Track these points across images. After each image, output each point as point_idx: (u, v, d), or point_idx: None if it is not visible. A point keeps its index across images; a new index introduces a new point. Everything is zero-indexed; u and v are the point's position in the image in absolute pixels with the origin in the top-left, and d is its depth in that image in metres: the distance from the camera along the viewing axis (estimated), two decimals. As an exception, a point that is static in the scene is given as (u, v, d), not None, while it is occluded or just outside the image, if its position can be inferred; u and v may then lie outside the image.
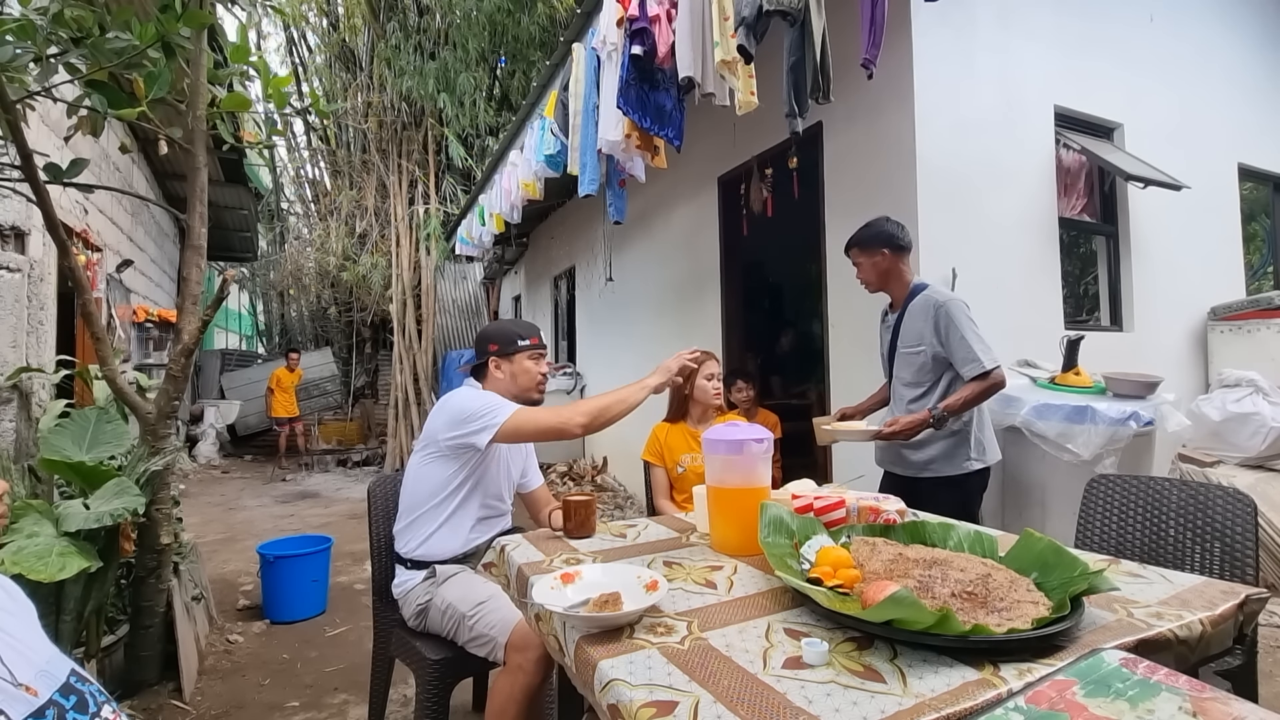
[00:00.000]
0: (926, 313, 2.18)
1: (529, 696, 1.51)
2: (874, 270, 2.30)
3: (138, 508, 2.15)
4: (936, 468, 2.18)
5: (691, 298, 4.86)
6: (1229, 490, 1.62)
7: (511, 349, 1.88)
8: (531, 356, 1.89)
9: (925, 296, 2.21)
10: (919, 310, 2.21)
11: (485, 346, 1.90)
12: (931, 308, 2.16)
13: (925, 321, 2.18)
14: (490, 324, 2.02)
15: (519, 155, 4.68)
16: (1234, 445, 3.24)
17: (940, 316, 2.13)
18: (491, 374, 1.90)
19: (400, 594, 1.84)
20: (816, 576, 1.06)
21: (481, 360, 1.91)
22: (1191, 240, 4.02)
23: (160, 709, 2.34)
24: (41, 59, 1.84)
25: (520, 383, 1.88)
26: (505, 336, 1.89)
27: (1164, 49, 3.98)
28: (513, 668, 1.53)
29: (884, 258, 2.27)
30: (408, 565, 1.84)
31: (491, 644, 1.60)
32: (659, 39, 2.57)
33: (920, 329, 2.20)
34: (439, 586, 1.76)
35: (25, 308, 2.77)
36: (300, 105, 9.39)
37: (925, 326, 2.18)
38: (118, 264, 4.89)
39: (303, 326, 12.39)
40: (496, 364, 1.89)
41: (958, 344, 2.09)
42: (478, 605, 1.65)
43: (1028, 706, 0.71)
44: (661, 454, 2.50)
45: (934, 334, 2.15)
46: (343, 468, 8.61)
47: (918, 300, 2.23)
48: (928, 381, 2.22)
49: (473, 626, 1.64)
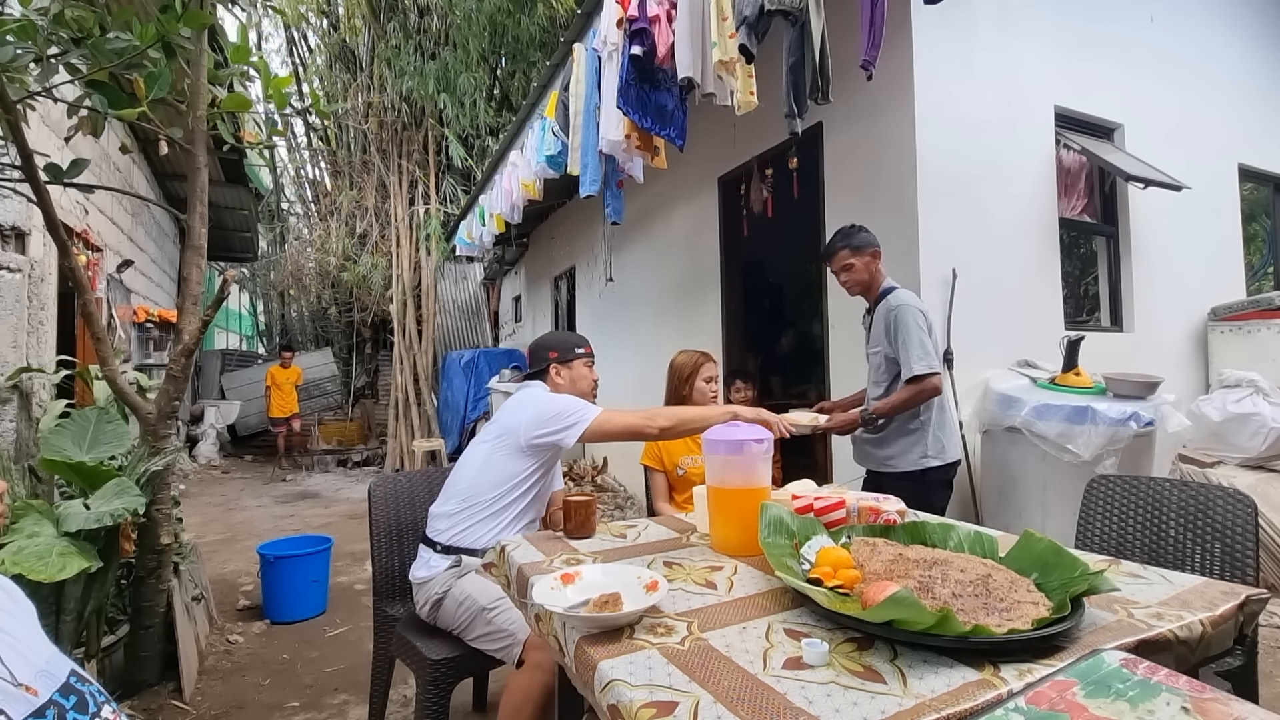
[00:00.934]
0: (885, 315, 2.28)
1: (546, 695, 1.51)
2: (865, 271, 2.37)
3: (138, 508, 2.15)
4: (894, 463, 2.29)
5: (692, 298, 4.86)
6: (1229, 491, 1.62)
7: (571, 356, 2.02)
8: (587, 364, 2.05)
9: (887, 300, 2.31)
10: (881, 313, 2.32)
11: (545, 354, 2.03)
12: (887, 311, 2.27)
13: (881, 324, 2.30)
14: (546, 334, 2.20)
15: (519, 155, 4.68)
16: (1234, 446, 3.23)
17: (891, 320, 2.24)
18: (552, 379, 2.01)
19: (419, 580, 1.81)
20: (817, 577, 1.06)
21: (542, 366, 2.02)
22: (1192, 241, 4.02)
23: (160, 709, 2.34)
24: (42, 59, 1.84)
25: (579, 387, 2.01)
26: (564, 345, 2.04)
27: (1164, 49, 3.97)
28: (531, 666, 1.54)
29: (873, 259, 2.36)
30: (437, 549, 1.80)
31: (510, 640, 1.61)
32: (658, 39, 2.57)
33: (879, 331, 2.31)
34: (460, 578, 1.75)
35: (26, 308, 2.77)
36: (300, 106, 9.40)
37: (881, 328, 2.30)
38: (118, 264, 4.89)
39: (303, 327, 12.39)
40: (557, 370, 2.01)
41: (900, 347, 2.20)
42: (499, 599, 1.66)
43: (1028, 707, 0.71)
44: (661, 457, 2.49)
45: (885, 336, 2.27)
46: (343, 468, 8.61)
47: (882, 303, 2.33)
48: (885, 381, 2.33)
49: (491, 620, 1.64)
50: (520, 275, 9.96)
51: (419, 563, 1.85)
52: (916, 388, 2.17)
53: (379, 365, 11.13)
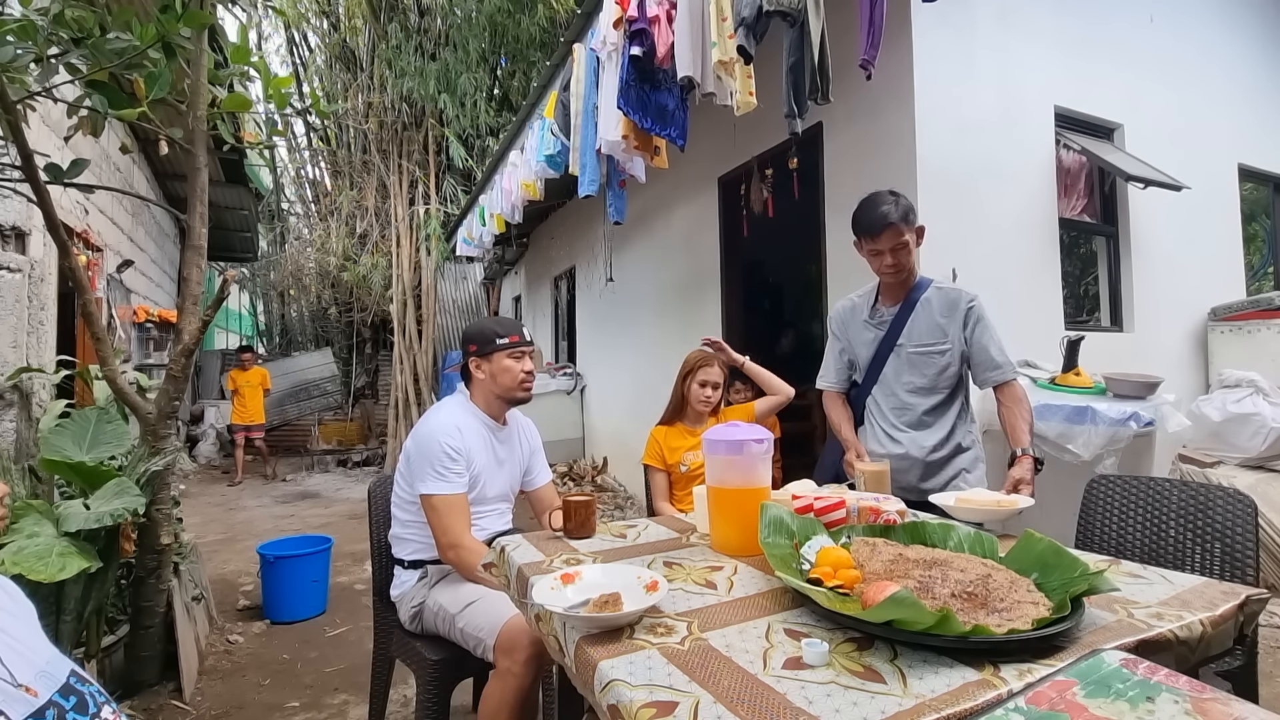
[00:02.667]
0: (953, 308, 1.93)
1: (520, 699, 1.48)
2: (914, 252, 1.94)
3: (138, 508, 2.15)
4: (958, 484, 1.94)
5: (692, 298, 4.86)
6: (1229, 491, 1.62)
7: (490, 348, 1.82)
8: (512, 355, 1.83)
9: (942, 290, 1.97)
10: (940, 304, 1.95)
11: (465, 347, 1.87)
12: (961, 302, 1.92)
13: (950, 318, 1.92)
14: (474, 322, 1.98)
15: (519, 155, 4.68)
16: (1234, 446, 3.23)
17: (968, 313, 1.91)
18: (474, 375, 1.87)
19: (398, 596, 1.85)
20: (817, 577, 1.06)
21: (465, 361, 1.88)
22: (1192, 240, 4.02)
23: (160, 709, 2.34)
24: (42, 59, 1.84)
25: (501, 382, 1.83)
26: (483, 336, 1.84)
27: (1164, 49, 3.98)
28: (502, 671, 1.50)
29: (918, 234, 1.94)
30: (405, 565, 1.85)
31: (479, 644, 1.59)
32: (658, 39, 2.57)
33: (943, 325, 1.93)
34: (431, 588, 1.76)
35: (26, 308, 2.77)
36: (300, 106, 9.40)
37: (950, 323, 1.92)
38: (118, 264, 4.89)
39: (303, 327, 12.39)
40: (476, 364, 1.85)
41: (991, 346, 1.89)
42: (466, 606, 1.65)
43: (1028, 707, 0.71)
44: (662, 456, 2.49)
45: (962, 331, 1.91)
46: (343, 468, 8.60)
47: (932, 293, 1.97)
48: (947, 387, 1.96)
49: (462, 629, 1.63)
50: (520, 275, 9.96)
51: (395, 581, 1.88)
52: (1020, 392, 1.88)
53: (379, 365, 11.13)
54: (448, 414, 1.82)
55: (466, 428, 1.81)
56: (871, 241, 1.91)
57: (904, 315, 1.98)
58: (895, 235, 1.87)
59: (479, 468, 1.81)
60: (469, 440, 1.79)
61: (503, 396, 1.86)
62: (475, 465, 1.80)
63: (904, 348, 1.98)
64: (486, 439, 1.87)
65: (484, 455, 1.84)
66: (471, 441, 1.80)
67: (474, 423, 1.85)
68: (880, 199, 1.91)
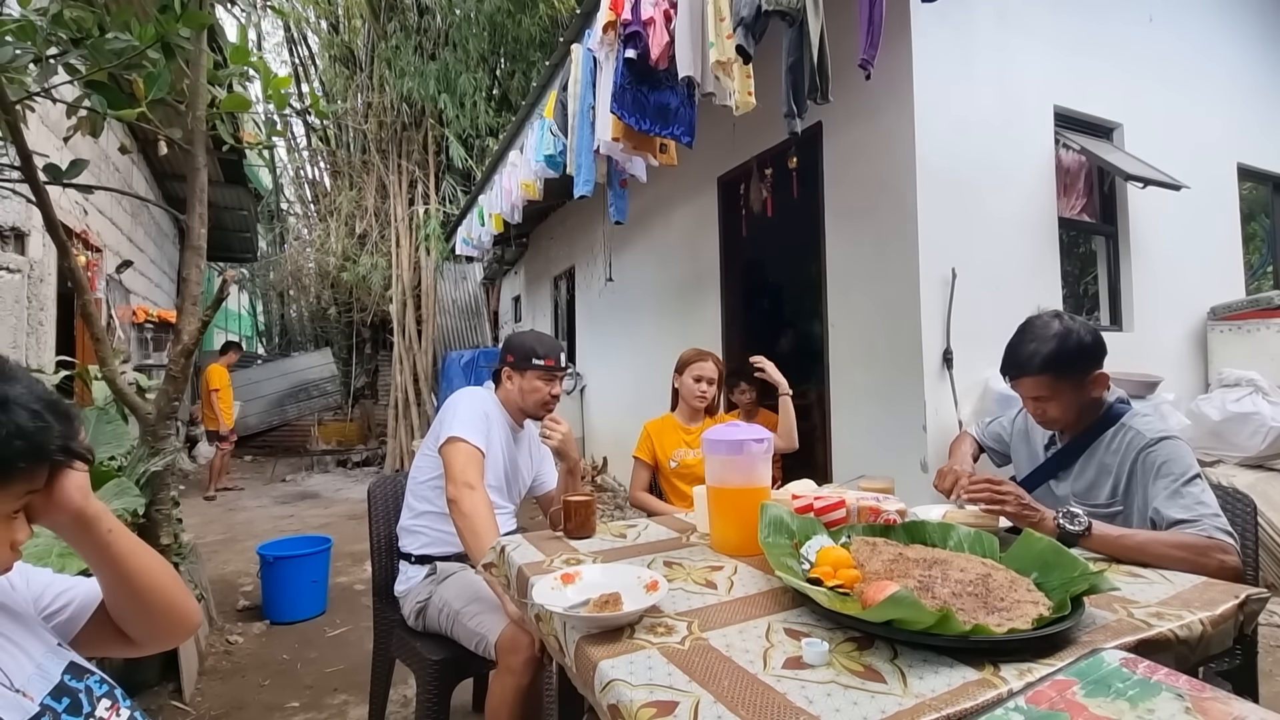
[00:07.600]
0: (1125, 458, 1.44)
1: (521, 697, 1.51)
2: (1074, 404, 1.47)
3: (137, 508, 2.15)
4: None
5: (691, 298, 4.87)
6: (1229, 490, 1.62)
7: (525, 365, 1.89)
8: (543, 377, 1.89)
9: (1126, 430, 1.47)
10: (1115, 448, 1.46)
11: (504, 355, 1.95)
12: (1133, 453, 1.43)
13: (1118, 471, 1.45)
14: (520, 332, 2.03)
15: (519, 155, 4.68)
16: (1234, 445, 3.24)
17: (1142, 466, 1.41)
18: (504, 382, 1.96)
19: (402, 592, 1.86)
20: (817, 577, 1.06)
21: (501, 366, 1.96)
22: (1191, 240, 4.02)
23: (160, 710, 2.34)
24: (41, 60, 1.84)
25: (527, 399, 1.91)
26: (523, 350, 1.91)
27: (1164, 49, 3.98)
28: (503, 670, 1.54)
29: (1093, 382, 1.47)
30: (411, 560, 1.86)
31: (482, 641, 1.61)
32: (652, 42, 2.55)
33: (1107, 483, 1.46)
34: (438, 585, 1.77)
35: (25, 308, 2.77)
36: (300, 106, 9.39)
37: (1118, 478, 1.45)
38: (117, 265, 4.89)
39: (303, 327, 12.39)
40: (509, 374, 1.94)
41: (1168, 508, 1.33)
42: (471, 602, 1.67)
43: (1028, 706, 0.71)
44: (653, 451, 2.50)
45: (1127, 485, 1.44)
46: (343, 468, 8.60)
47: (1112, 434, 1.49)
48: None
49: (466, 624, 1.64)
50: (520, 275, 9.96)
51: (400, 577, 1.89)
52: (1204, 545, 1.24)
53: (379, 365, 11.13)
54: (484, 396, 1.93)
55: (493, 416, 1.90)
56: (1012, 384, 1.53)
57: (1074, 452, 1.54)
58: (1035, 387, 1.47)
59: (493, 457, 1.86)
60: (493, 427, 1.87)
61: (524, 410, 1.94)
62: (491, 452, 1.84)
63: (1068, 490, 1.56)
64: (505, 435, 1.95)
65: (500, 448, 1.91)
66: (494, 430, 1.88)
67: (499, 415, 1.94)
68: (1033, 329, 1.49)
